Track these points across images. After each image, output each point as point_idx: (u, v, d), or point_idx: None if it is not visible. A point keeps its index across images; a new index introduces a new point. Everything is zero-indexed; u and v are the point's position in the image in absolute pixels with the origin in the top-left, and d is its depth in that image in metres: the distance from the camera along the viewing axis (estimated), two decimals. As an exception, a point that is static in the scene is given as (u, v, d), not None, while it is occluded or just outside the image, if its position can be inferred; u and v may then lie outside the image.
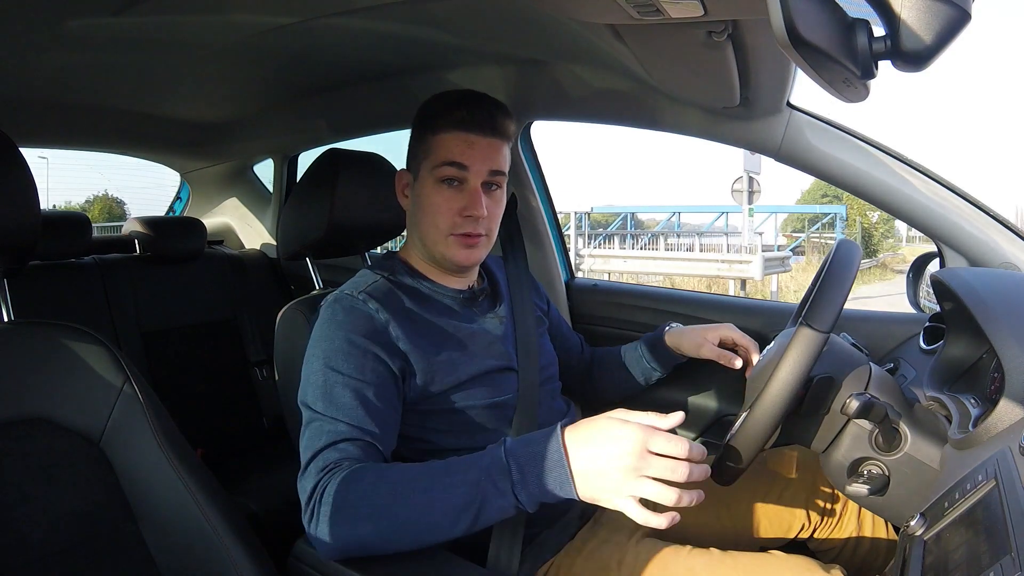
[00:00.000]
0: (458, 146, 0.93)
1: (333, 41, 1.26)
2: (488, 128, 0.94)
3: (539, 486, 0.70)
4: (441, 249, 0.95)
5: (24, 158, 0.87)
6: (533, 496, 0.71)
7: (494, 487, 0.71)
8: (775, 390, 0.78)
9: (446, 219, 0.94)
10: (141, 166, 2.83)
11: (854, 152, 1.16)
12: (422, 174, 0.96)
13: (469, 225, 0.94)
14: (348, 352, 0.85)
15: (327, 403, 0.83)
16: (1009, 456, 0.60)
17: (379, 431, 0.83)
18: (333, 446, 0.80)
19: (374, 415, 0.83)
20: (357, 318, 0.88)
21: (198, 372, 1.88)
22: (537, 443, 0.72)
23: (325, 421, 0.82)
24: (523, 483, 0.70)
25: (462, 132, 0.93)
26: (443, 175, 0.93)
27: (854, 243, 0.90)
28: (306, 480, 0.79)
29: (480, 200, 0.93)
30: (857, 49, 0.48)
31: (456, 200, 0.93)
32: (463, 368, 0.93)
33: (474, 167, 0.93)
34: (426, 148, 0.95)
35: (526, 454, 0.71)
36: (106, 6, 1.01)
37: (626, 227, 19.88)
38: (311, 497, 0.77)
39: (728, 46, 0.83)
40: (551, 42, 1.17)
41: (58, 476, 0.80)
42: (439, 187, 0.94)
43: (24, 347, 0.83)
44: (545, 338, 1.11)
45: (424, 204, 0.95)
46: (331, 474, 0.78)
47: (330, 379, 0.84)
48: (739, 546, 1.00)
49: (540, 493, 0.70)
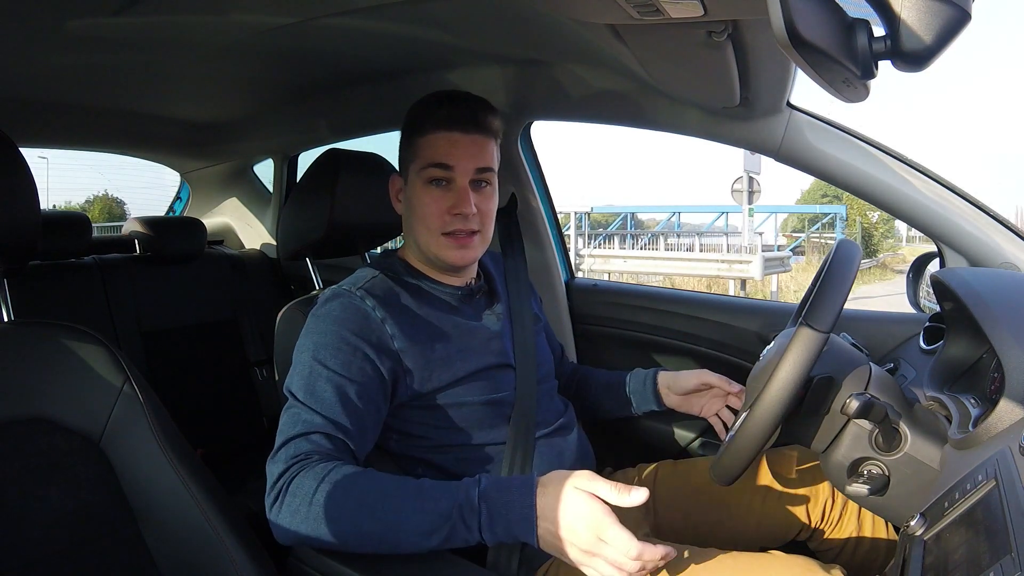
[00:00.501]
0: (442, 146, 0.93)
1: (333, 41, 1.26)
2: (471, 125, 0.94)
3: (505, 531, 0.74)
4: (434, 250, 0.96)
5: (24, 158, 0.87)
6: (496, 536, 0.75)
7: (463, 523, 0.75)
8: (775, 390, 0.78)
9: (436, 219, 0.94)
10: (141, 166, 2.83)
11: (854, 152, 1.16)
12: (411, 177, 0.97)
13: (459, 223, 0.94)
14: (337, 348, 0.86)
15: (308, 394, 0.84)
16: (1009, 456, 0.60)
17: (354, 430, 0.84)
18: (305, 436, 0.81)
19: (351, 414, 0.84)
20: (352, 315, 0.89)
21: (198, 372, 1.89)
22: (510, 492, 0.75)
23: (303, 410, 0.83)
24: (490, 526, 0.74)
25: (445, 131, 0.94)
26: (430, 176, 0.94)
27: (854, 243, 0.90)
28: (275, 464, 0.80)
29: (468, 198, 0.94)
30: (857, 49, 0.48)
31: (444, 200, 0.94)
32: (460, 364, 0.94)
33: (459, 166, 0.94)
34: (413, 151, 0.96)
35: (498, 500, 0.75)
36: (106, 6, 1.01)
37: (626, 227, 19.88)
38: (277, 482, 0.78)
39: (728, 46, 0.83)
40: (551, 42, 1.17)
41: (58, 476, 0.80)
42: (427, 188, 0.95)
43: (24, 347, 0.83)
44: (541, 337, 1.11)
45: (414, 206, 0.96)
46: (300, 464, 0.79)
47: (315, 371, 0.85)
48: (739, 546, 1.00)
49: (504, 536, 0.75)
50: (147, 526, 0.83)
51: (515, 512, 0.74)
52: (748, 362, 1.36)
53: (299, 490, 0.77)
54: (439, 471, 0.93)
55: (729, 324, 1.45)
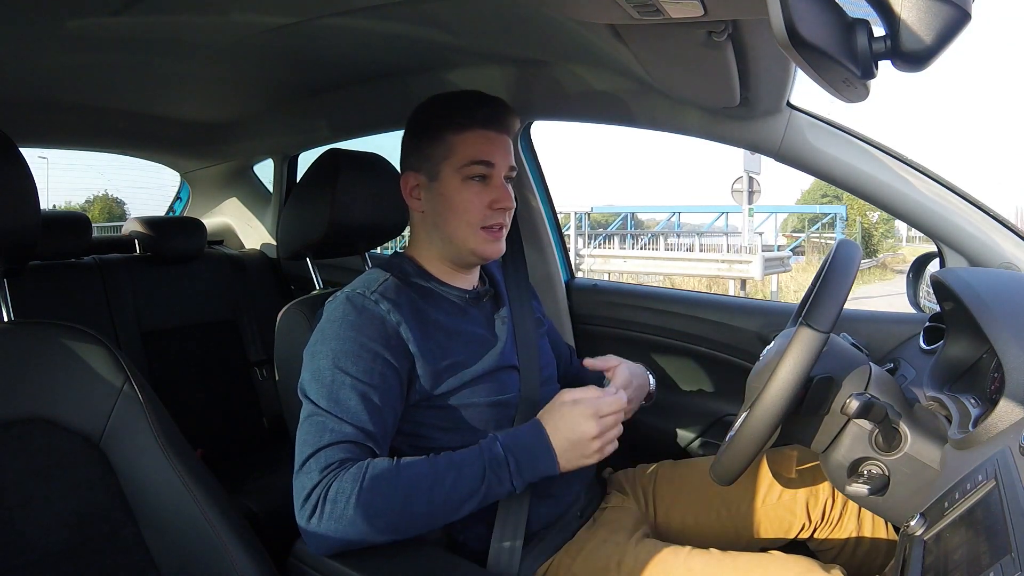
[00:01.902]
0: (484, 145, 0.96)
1: (333, 41, 1.26)
2: (504, 126, 0.98)
3: (531, 471, 0.84)
4: (471, 244, 0.97)
5: (24, 158, 0.87)
6: (524, 479, 0.83)
7: (496, 477, 0.82)
8: (775, 390, 0.78)
9: (477, 214, 0.96)
10: (141, 166, 2.83)
11: (854, 152, 1.16)
12: (445, 174, 0.96)
13: (499, 216, 0.97)
14: (358, 355, 0.86)
15: (332, 402, 0.83)
16: (1009, 456, 0.60)
17: (380, 435, 0.85)
18: (336, 445, 0.81)
19: (376, 419, 0.84)
20: (369, 320, 0.89)
21: (198, 372, 1.88)
22: (525, 435, 0.85)
23: (329, 419, 0.82)
24: (518, 471, 0.83)
25: (485, 130, 0.96)
26: (472, 173, 0.95)
27: (854, 243, 0.90)
28: (306, 477, 0.79)
29: (509, 192, 0.98)
30: (857, 49, 0.48)
31: (484, 195, 0.96)
32: (469, 368, 0.94)
33: (499, 163, 0.97)
34: (446, 148, 0.96)
35: (519, 447, 0.84)
36: (106, 6, 1.01)
37: (626, 227, 19.88)
38: (311, 494, 0.78)
39: (728, 46, 0.83)
40: (551, 42, 1.17)
41: (58, 476, 0.80)
42: (467, 184, 0.96)
43: (24, 347, 0.83)
44: (544, 339, 1.11)
45: (453, 202, 0.96)
46: (334, 473, 0.79)
47: (338, 379, 0.84)
48: (739, 546, 1.00)
49: (531, 475, 0.84)
50: (147, 526, 0.83)
51: (537, 451, 0.83)
52: (748, 362, 1.36)
53: (339, 496, 0.77)
54: None
55: (729, 324, 1.45)
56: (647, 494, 1.12)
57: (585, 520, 1.01)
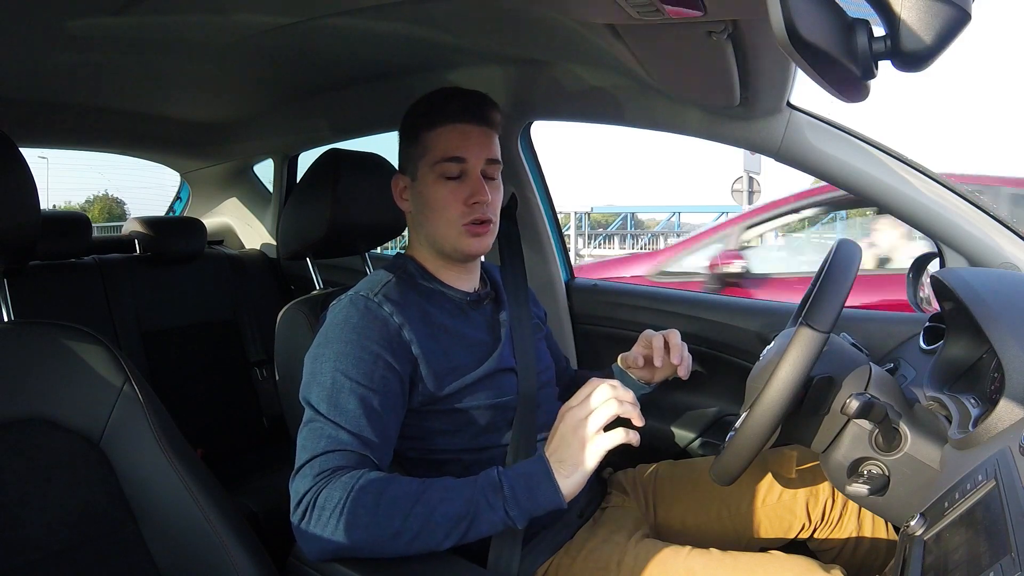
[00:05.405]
0: (455, 139, 0.94)
1: (333, 41, 1.26)
2: (480, 118, 0.95)
3: (530, 499, 0.77)
4: (453, 242, 0.96)
5: (24, 158, 0.87)
6: (524, 510, 0.77)
7: (486, 501, 0.77)
8: (775, 390, 0.78)
9: (454, 210, 0.94)
10: (141, 166, 2.83)
11: (854, 152, 1.16)
12: (421, 172, 0.96)
13: (478, 211, 0.95)
14: (360, 358, 0.85)
15: (331, 407, 0.83)
16: (1009, 456, 0.60)
17: (378, 441, 0.83)
18: (331, 453, 0.80)
19: (376, 425, 0.83)
20: (372, 322, 0.88)
21: (198, 372, 1.88)
22: (525, 464, 0.80)
23: (327, 425, 0.82)
24: (514, 499, 0.77)
25: (455, 124, 0.94)
26: (444, 171, 0.94)
27: (854, 243, 0.90)
28: (300, 482, 0.79)
29: (483, 186, 0.94)
30: (857, 49, 0.48)
31: (460, 191, 0.94)
32: (471, 371, 0.94)
33: (472, 157, 0.94)
34: (422, 147, 0.95)
35: (516, 474, 0.79)
36: (106, 6, 1.01)
37: (626, 227, 19.86)
38: (303, 499, 0.78)
39: (728, 46, 0.83)
40: (551, 42, 1.17)
41: (58, 476, 0.80)
42: (442, 182, 0.94)
43: (24, 347, 0.83)
44: (543, 343, 1.11)
45: (430, 201, 0.96)
46: (326, 479, 0.78)
47: (338, 383, 0.84)
48: (739, 546, 1.00)
49: (531, 505, 0.77)
50: (147, 526, 0.83)
51: (536, 478, 0.77)
52: (748, 362, 1.36)
53: (327, 503, 0.76)
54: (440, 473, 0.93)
55: (729, 324, 1.45)
56: (647, 494, 1.12)
57: (585, 520, 1.01)
